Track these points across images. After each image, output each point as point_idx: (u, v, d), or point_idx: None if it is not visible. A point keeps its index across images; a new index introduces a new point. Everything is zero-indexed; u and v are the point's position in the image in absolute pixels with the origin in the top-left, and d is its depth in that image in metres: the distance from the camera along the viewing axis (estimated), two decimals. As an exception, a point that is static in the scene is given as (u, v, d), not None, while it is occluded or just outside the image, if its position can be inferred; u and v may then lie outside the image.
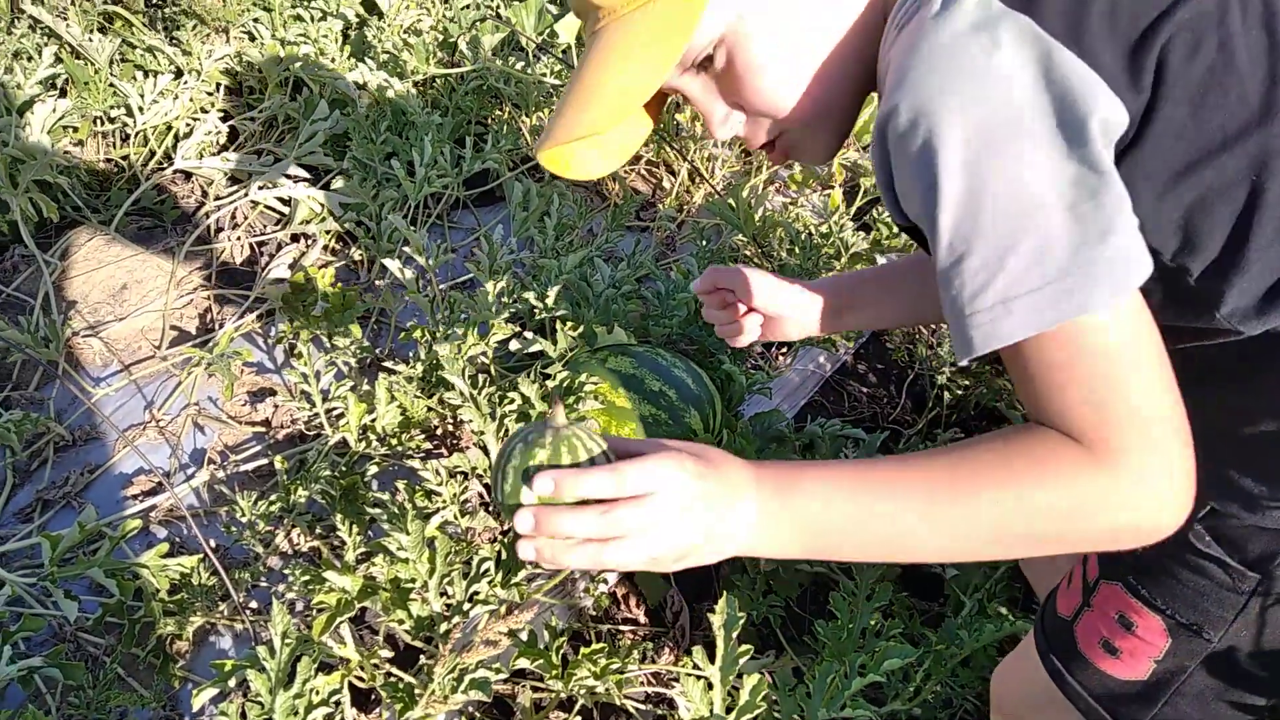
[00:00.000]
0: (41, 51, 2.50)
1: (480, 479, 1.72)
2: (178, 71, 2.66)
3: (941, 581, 1.71)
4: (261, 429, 1.97)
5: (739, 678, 1.18)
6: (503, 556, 1.49)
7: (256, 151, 2.55)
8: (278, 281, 2.20)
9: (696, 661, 1.17)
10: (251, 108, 2.69)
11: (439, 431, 1.87)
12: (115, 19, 2.86)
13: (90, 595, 1.63)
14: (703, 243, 2.25)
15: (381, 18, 2.92)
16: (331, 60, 2.71)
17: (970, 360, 0.72)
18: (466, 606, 1.40)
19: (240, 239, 2.39)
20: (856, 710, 1.24)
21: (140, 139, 2.52)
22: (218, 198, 2.47)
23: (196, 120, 2.53)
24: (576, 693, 1.37)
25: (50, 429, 1.89)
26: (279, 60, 2.62)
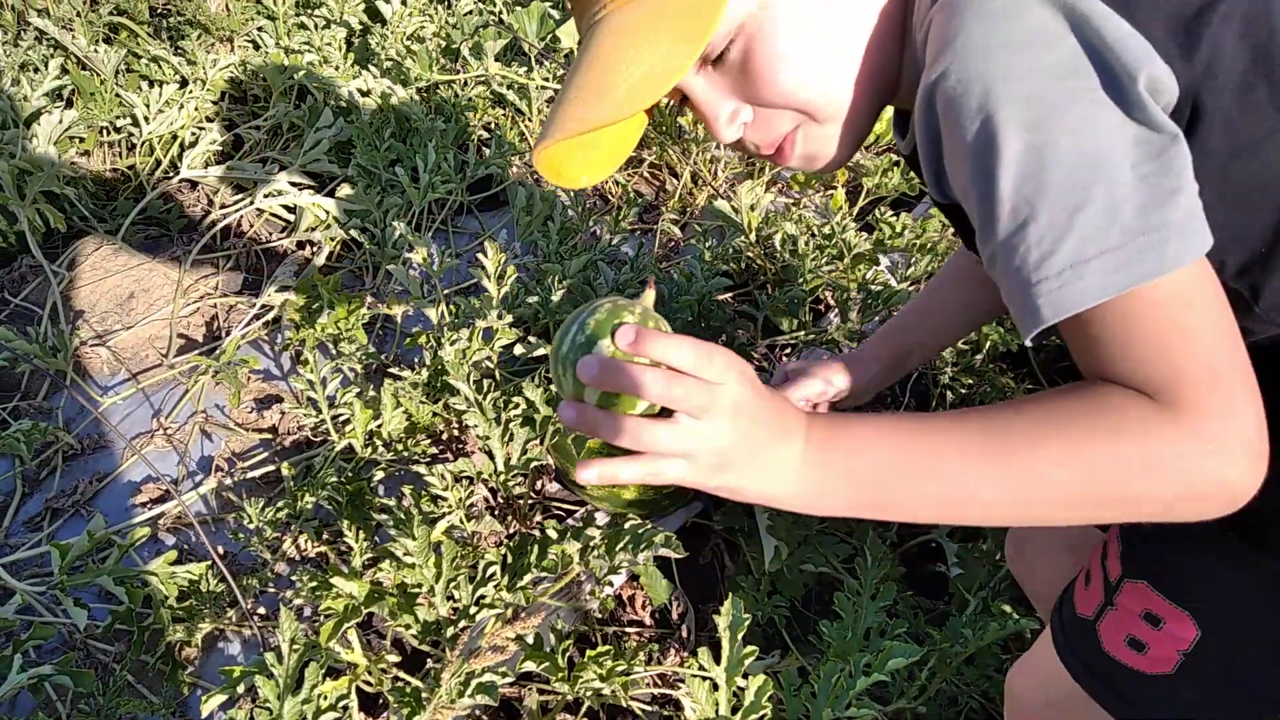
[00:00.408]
0: (48, 63, 2.52)
1: (486, 483, 1.73)
2: (183, 81, 2.68)
3: (946, 580, 1.72)
4: (268, 436, 1.98)
5: (744, 678, 1.18)
6: (508, 560, 1.50)
7: (261, 159, 2.56)
8: (284, 289, 2.21)
9: (702, 663, 1.17)
10: (256, 116, 2.71)
11: (444, 436, 1.88)
12: (120, 30, 2.88)
13: (99, 603, 1.64)
14: (706, 244, 2.26)
15: (385, 25, 2.93)
16: (335, 68, 2.73)
17: (1037, 333, 0.68)
18: (473, 611, 1.41)
19: (246, 247, 2.41)
20: (861, 710, 1.24)
21: (146, 148, 2.54)
22: (223, 206, 2.48)
23: (202, 129, 2.55)
24: (583, 695, 1.37)
25: (59, 438, 1.91)
26: (283, 68, 2.64)
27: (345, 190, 2.43)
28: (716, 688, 1.18)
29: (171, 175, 2.51)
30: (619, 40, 0.79)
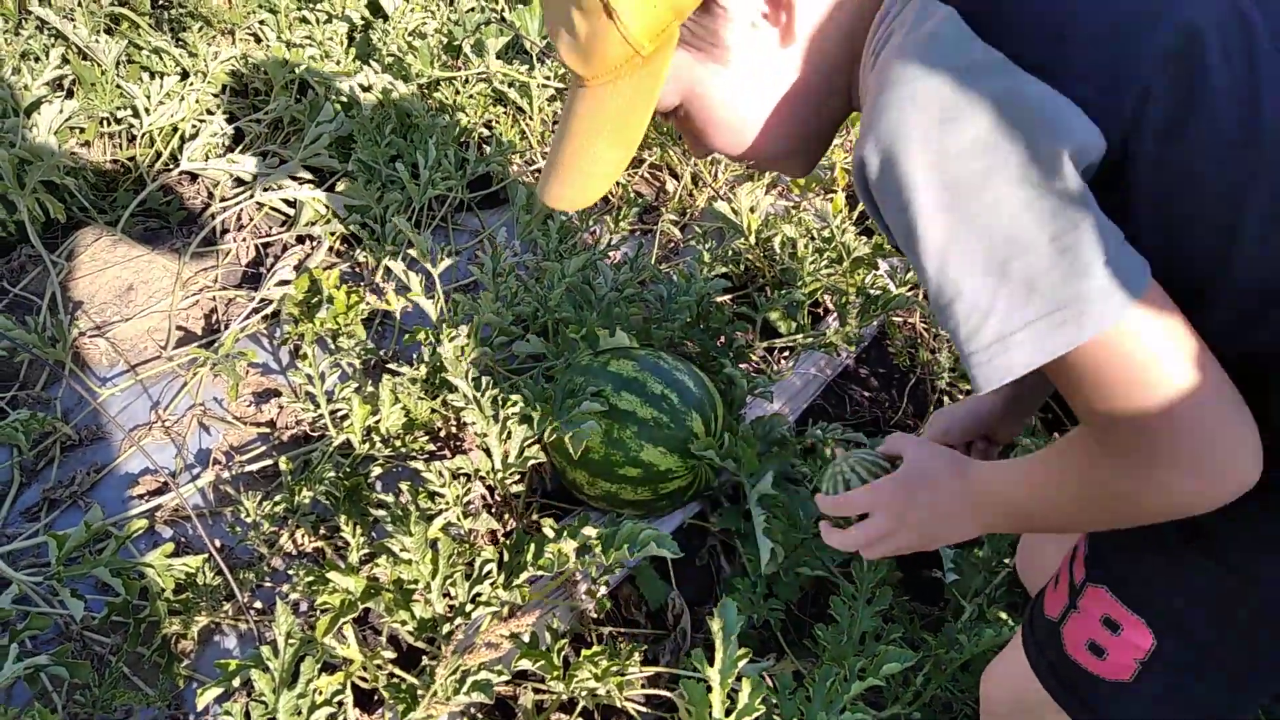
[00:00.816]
0: (49, 52, 2.51)
1: (483, 481, 1.73)
2: (184, 73, 2.68)
3: (942, 586, 1.72)
4: (266, 430, 1.98)
5: (739, 680, 1.19)
6: (504, 558, 1.50)
7: (262, 153, 2.56)
8: (283, 283, 2.21)
9: (696, 664, 1.18)
10: (257, 109, 2.70)
11: (442, 433, 1.88)
12: (122, 20, 2.87)
13: (96, 594, 1.64)
14: (705, 246, 2.26)
15: (386, 20, 2.93)
16: (337, 63, 2.72)
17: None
18: (469, 608, 1.41)
19: (246, 240, 2.41)
20: (856, 714, 1.25)
21: (146, 140, 2.54)
22: (223, 199, 2.48)
23: (202, 122, 2.54)
24: (578, 694, 1.38)
25: (57, 428, 1.90)
26: (284, 62, 2.63)
27: (345, 185, 2.43)
28: (711, 689, 1.18)
29: (172, 167, 2.50)
30: (582, 126, 0.91)
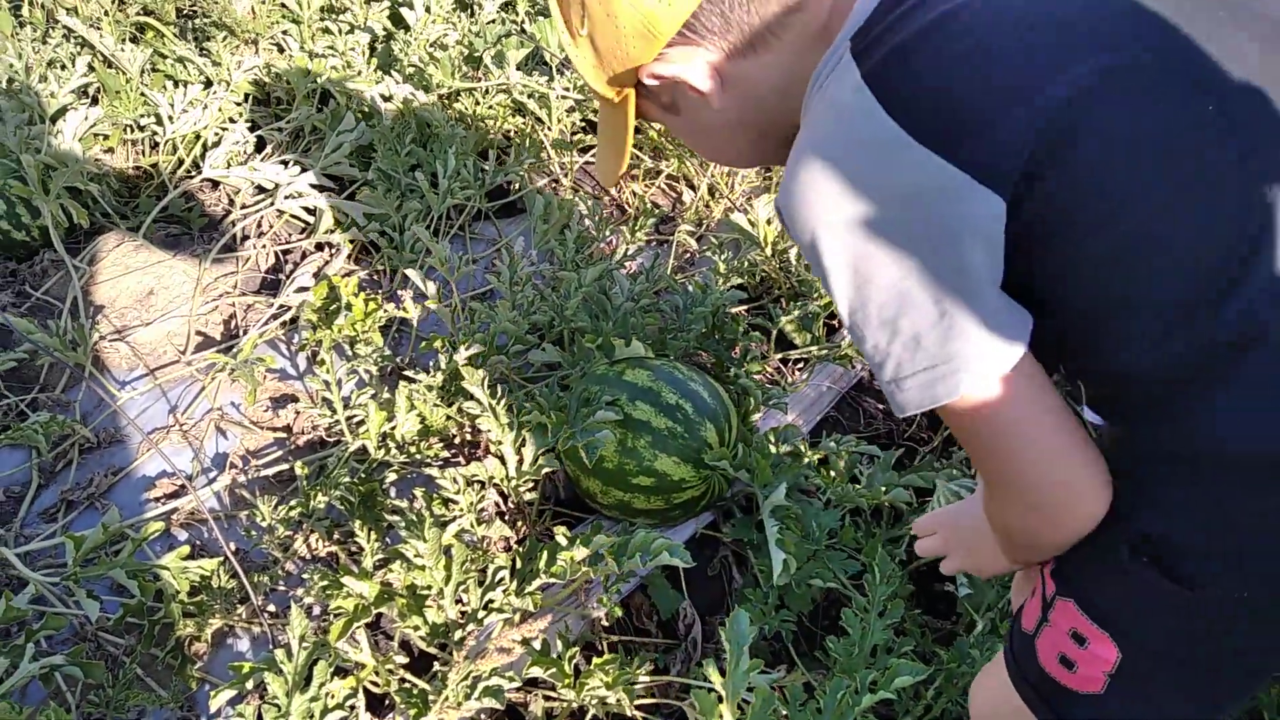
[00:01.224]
0: (75, 61, 2.55)
1: (497, 488, 1.74)
2: (207, 82, 2.71)
3: (954, 599, 1.72)
4: (283, 434, 1.99)
5: (749, 691, 1.18)
6: (517, 565, 1.50)
7: (283, 161, 2.58)
8: (302, 289, 2.23)
9: (707, 674, 1.18)
10: (279, 118, 2.73)
11: (457, 440, 1.89)
12: (147, 30, 2.91)
13: (111, 595, 1.65)
14: (721, 257, 2.27)
15: (408, 31, 2.96)
16: (358, 73, 2.75)
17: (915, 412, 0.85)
18: (481, 614, 1.41)
19: (265, 247, 2.43)
20: (866, 726, 1.24)
21: (169, 147, 2.57)
22: (244, 206, 2.50)
23: (225, 130, 2.57)
24: (588, 702, 1.38)
25: (76, 431, 1.92)
26: (307, 72, 2.66)
27: (365, 194, 2.45)
28: (721, 700, 1.18)
29: (194, 174, 2.53)
30: (600, 130, 1.09)
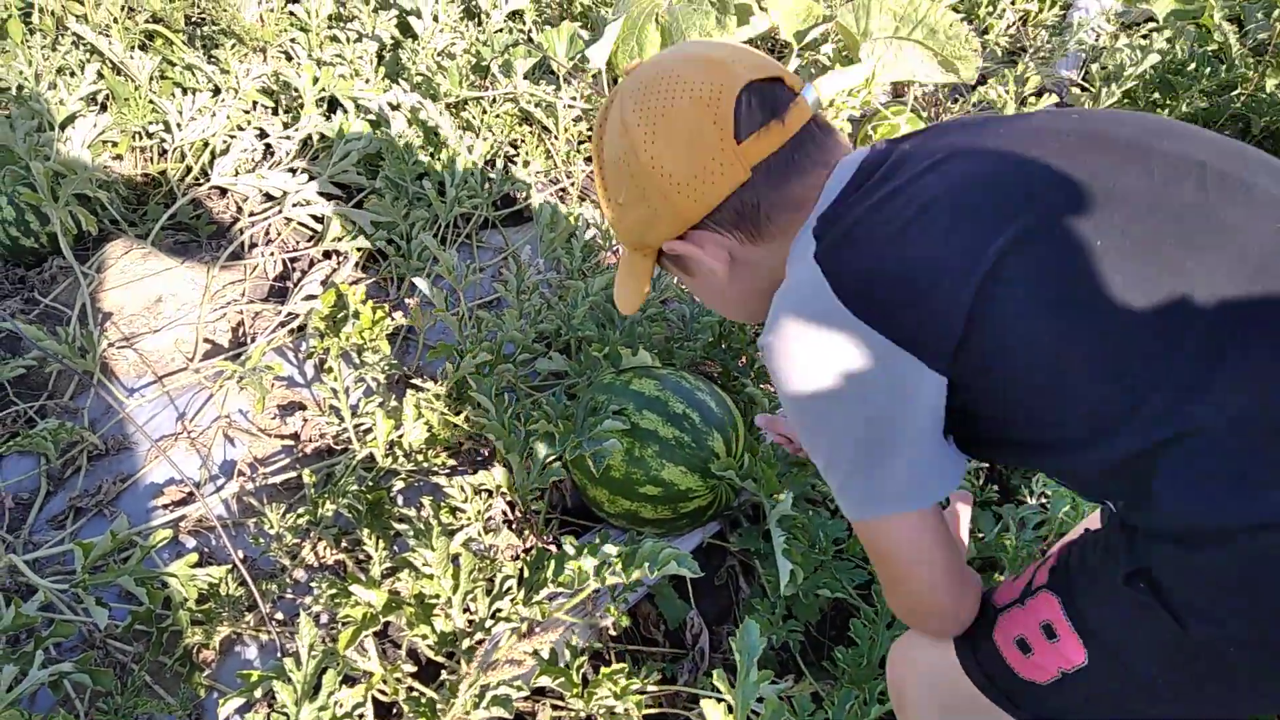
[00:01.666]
0: (84, 68, 2.56)
1: (504, 497, 1.74)
2: (216, 89, 2.72)
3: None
4: (290, 442, 2.00)
5: (758, 702, 1.18)
6: (525, 574, 1.50)
7: (291, 169, 2.59)
8: (309, 297, 2.24)
9: (716, 684, 1.18)
10: (287, 126, 2.74)
11: (465, 448, 1.90)
12: (156, 37, 2.92)
13: (120, 603, 1.66)
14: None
15: (415, 40, 2.97)
16: (366, 81, 2.76)
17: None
18: (489, 623, 1.41)
19: (273, 255, 2.43)
20: (875, 737, 1.24)
21: (178, 155, 2.58)
22: (252, 214, 2.51)
23: (233, 137, 2.58)
24: (596, 712, 1.38)
25: (84, 438, 1.93)
26: (315, 80, 2.67)
27: (372, 202, 2.46)
28: (730, 710, 1.18)
29: (202, 182, 2.54)
30: (621, 265, 1.20)
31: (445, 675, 1.48)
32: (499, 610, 1.43)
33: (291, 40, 2.93)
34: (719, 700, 1.18)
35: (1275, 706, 0.91)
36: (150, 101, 2.59)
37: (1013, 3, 3.64)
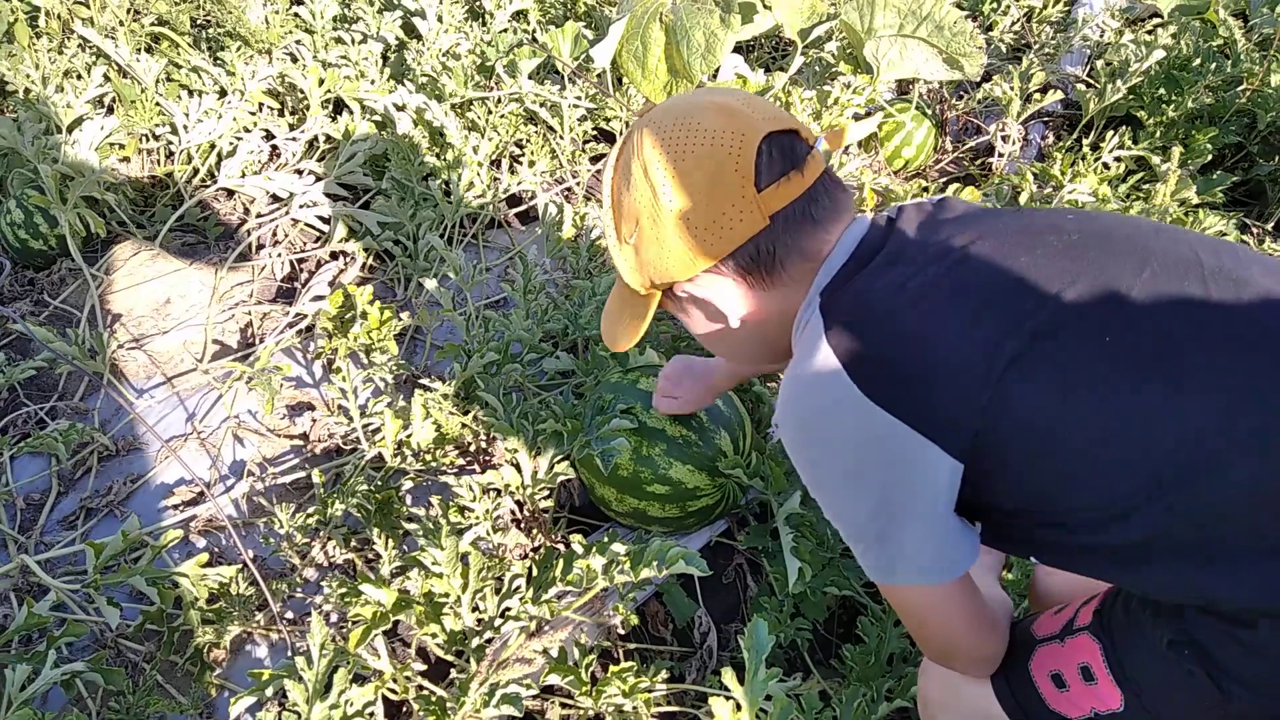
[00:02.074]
0: (91, 71, 2.57)
1: (512, 496, 1.75)
2: (222, 91, 2.73)
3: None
4: (299, 442, 2.00)
5: (767, 699, 1.19)
6: (533, 573, 1.51)
7: (298, 170, 2.60)
8: (317, 298, 2.25)
9: (725, 682, 1.18)
10: (293, 128, 2.75)
11: (473, 448, 1.90)
12: (162, 40, 2.94)
13: (131, 602, 1.67)
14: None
15: (421, 41, 2.98)
16: (371, 82, 2.77)
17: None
18: (498, 622, 1.42)
19: (281, 256, 2.44)
20: (883, 734, 1.24)
21: (185, 157, 2.59)
22: (259, 215, 2.52)
23: (239, 139, 2.59)
24: (605, 710, 1.38)
25: (95, 438, 1.94)
26: (320, 81, 2.68)
27: (379, 202, 2.47)
28: (739, 708, 1.19)
29: (209, 183, 2.55)
30: (618, 299, 1.21)
31: (455, 674, 1.49)
32: (508, 609, 1.43)
33: (297, 42, 2.94)
34: (727, 698, 1.18)
35: None
36: (157, 104, 2.60)
37: None
